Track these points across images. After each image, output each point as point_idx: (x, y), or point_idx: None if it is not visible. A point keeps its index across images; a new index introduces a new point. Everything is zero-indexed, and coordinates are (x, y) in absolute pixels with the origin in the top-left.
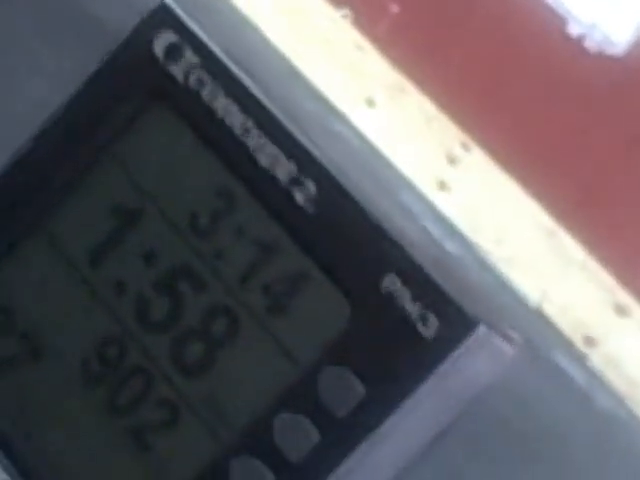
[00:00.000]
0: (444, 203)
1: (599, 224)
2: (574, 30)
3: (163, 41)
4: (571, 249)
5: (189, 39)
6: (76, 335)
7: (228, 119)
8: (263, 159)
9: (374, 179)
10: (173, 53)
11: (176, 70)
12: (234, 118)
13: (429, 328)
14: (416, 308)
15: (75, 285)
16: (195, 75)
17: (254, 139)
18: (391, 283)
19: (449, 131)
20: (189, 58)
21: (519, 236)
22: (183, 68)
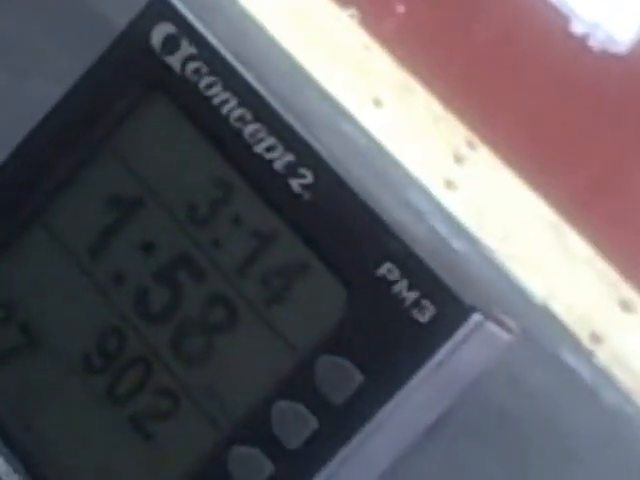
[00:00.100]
0: (451, 201)
1: (605, 221)
2: (577, 29)
3: (160, 33)
4: (577, 246)
5: (186, 31)
6: (76, 326)
7: (225, 110)
8: (260, 149)
9: (381, 178)
10: (170, 44)
11: (173, 61)
12: (231, 109)
13: (425, 315)
14: (412, 296)
15: (74, 276)
16: (192, 66)
17: (251, 129)
18: (388, 271)
19: (456, 130)
20: (186, 49)
21: (525, 233)
22: (180, 59)
